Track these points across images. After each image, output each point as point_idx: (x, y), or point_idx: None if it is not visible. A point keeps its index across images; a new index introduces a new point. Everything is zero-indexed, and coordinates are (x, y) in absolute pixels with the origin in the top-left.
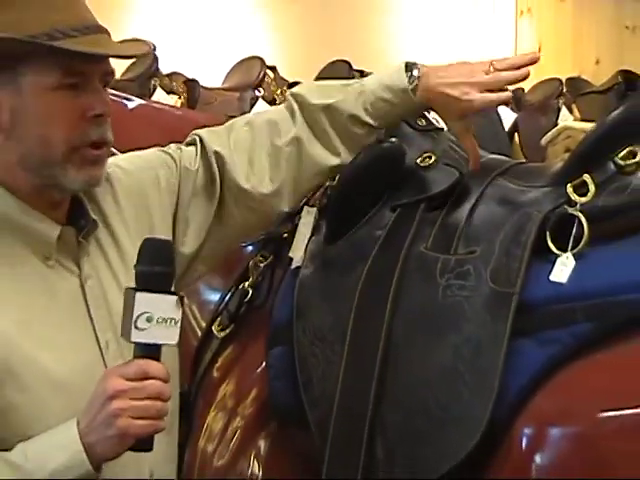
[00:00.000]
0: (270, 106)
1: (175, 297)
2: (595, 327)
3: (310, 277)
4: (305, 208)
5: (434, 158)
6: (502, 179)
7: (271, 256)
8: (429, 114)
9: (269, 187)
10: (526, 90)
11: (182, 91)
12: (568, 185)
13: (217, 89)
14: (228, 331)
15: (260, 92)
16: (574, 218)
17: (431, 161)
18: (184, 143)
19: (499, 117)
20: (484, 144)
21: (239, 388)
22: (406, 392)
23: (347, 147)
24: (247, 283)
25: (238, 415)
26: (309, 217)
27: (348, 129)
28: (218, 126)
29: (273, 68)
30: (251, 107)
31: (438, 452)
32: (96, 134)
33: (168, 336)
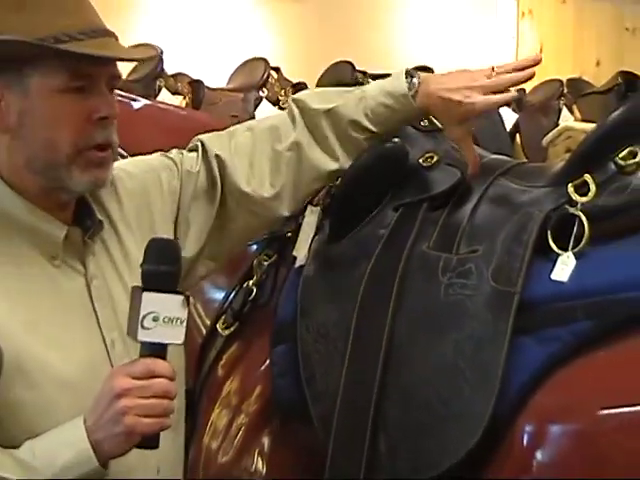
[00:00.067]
0: (274, 106)
1: (181, 297)
2: (595, 325)
3: (314, 276)
4: (309, 207)
5: (436, 158)
6: (504, 179)
7: (275, 255)
8: None
9: (270, 191)
10: (527, 91)
11: (187, 92)
12: (569, 185)
13: (221, 90)
14: (232, 329)
15: (264, 93)
16: (575, 218)
17: (433, 161)
18: (186, 149)
19: (501, 118)
20: (486, 144)
21: (243, 385)
22: (408, 388)
23: (346, 152)
24: (251, 282)
25: (242, 412)
26: (313, 216)
27: (348, 134)
28: (222, 126)
29: (277, 69)
30: (255, 107)
31: (440, 447)
32: (101, 137)
33: (174, 335)
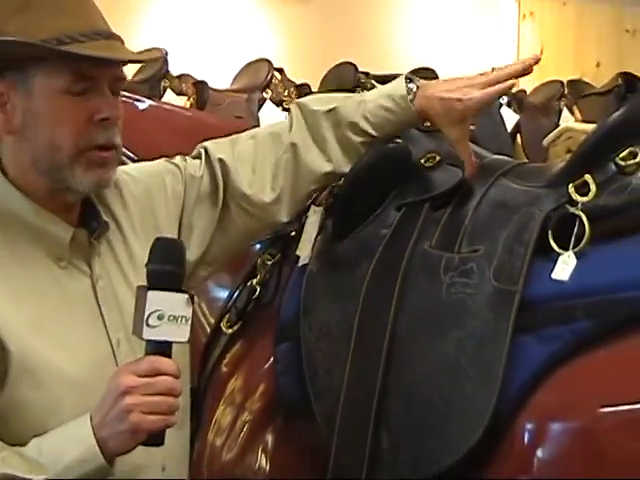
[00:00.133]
0: (277, 107)
1: (186, 295)
2: (595, 324)
3: (317, 275)
4: (312, 207)
5: (438, 158)
6: (505, 179)
7: (278, 254)
8: None
9: (271, 195)
10: (528, 92)
11: (191, 93)
12: (570, 185)
13: (226, 91)
14: (236, 328)
15: (268, 93)
16: (575, 217)
17: (435, 161)
18: (190, 156)
19: (502, 119)
20: (487, 145)
21: (247, 383)
22: (410, 385)
23: (344, 155)
24: (255, 281)
25: (246, 409)
26: (316, 216)
27: (347, 137)
28: (226, 126)
29: (280, 70)
30: (259, 108)
31: (441, 445)
32: (103, 137)
33: (179, 334)
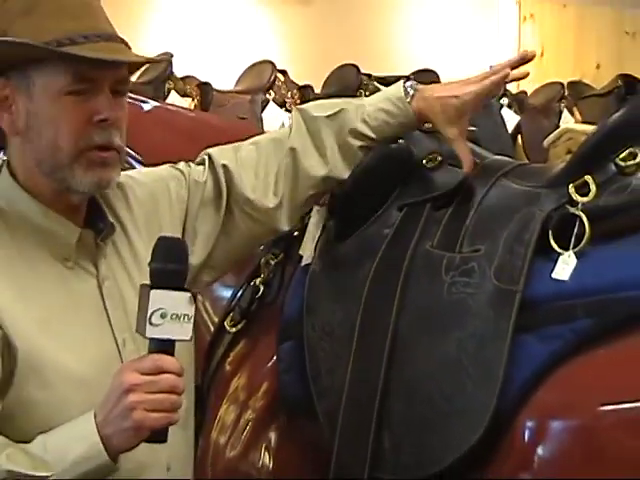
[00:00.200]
0: (280, 108)
1: (188, 294)
2: (596, 323)
3: (319, 274)
4: (315, 207)
5: (440, 159)
6: (506, 179)
7: (282, 254)
8: None
9: (274, 200)
10: (529, 93)
11: (195, 94)
12: (570, 185)
13: (229, 92)
14: (240, 327)
15: (271, 95)
16: (576, 217)
17: (437, 162)
18: (194, 163)
19: (503, 120)
20: (488, 146)
21: (250, 381)
22: (412, 384)
23: (343, 159)
24: (258, 280)
25: (249, 407)
26: (318, 216)
27: (347, 141)
28: (230, 127)
29: (283, 72)
30: (262, 109)
31: (443, 443)
32: (101, 138)
33: (182, 332)
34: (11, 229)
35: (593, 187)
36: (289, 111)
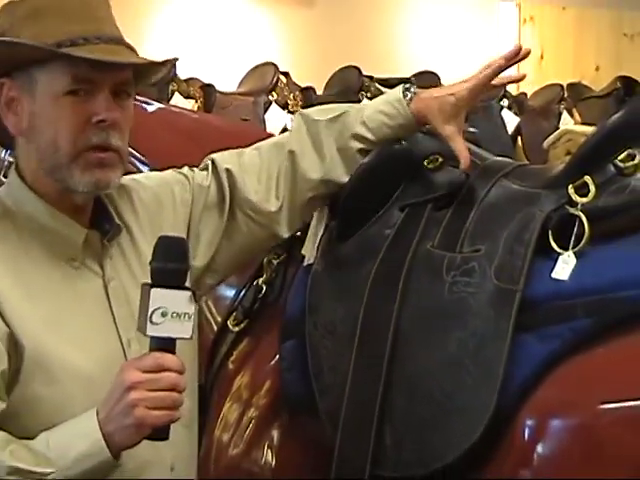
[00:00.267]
0: (283, 110)
1: (189, 292)
2: (595, 322)
3: (322, 274)
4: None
5: (441, 160)
6: (506, 180)
7: (284, 254)
8: None
9: (276, 204)
10: (529, 95)
11: (199, 96)
12: (569, 186)
13: (232, 94)
14: (243, 326)
15: (273, 96)
16: (575, 218)
17: (438, 163)
18: (198, 168)
19: (503, 121)
20: (488, 147)
21: (253, 380)
22: (413, 382)
23: (342, 162)
24: (261, 280)
25: (252, 405)
26: (321, 216)
27: (346, 144)
28: (233, 128)
29: (286, 74)
30: (265, 111)
31: (444, 440)
32: (99, 138)
33: (182, 330)
34: (18, 229)
35: (592, 188)
36: (291, 112)
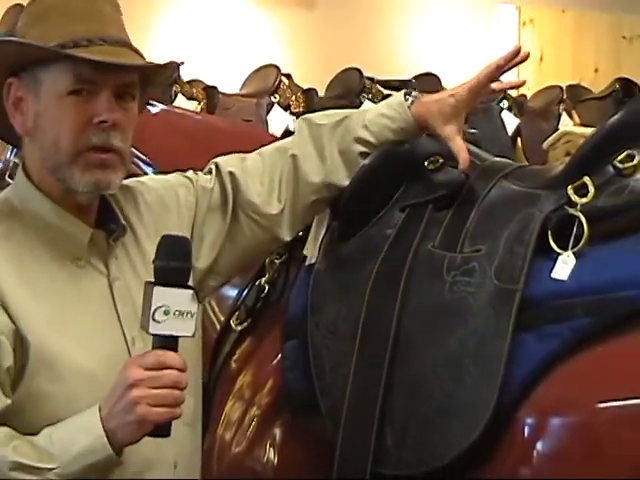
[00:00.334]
0: (285, 111)
1: (191, 291)
2: (594, 322)
3: (323, 274)
4: None
5: (441, 161)
6: (506, 181)
7: (286, 254)
8: None
9: (277, 207)
10: (528, 97)
11: (202, 97)
12: (569, 187)
13: (235, 95)
14: (245, 325)
15: (276, 98)
16: (574, 218)
17: (439, 163)
18: (202, 172)
19: (503, 123)
20: (489, 148)
21: (256, 379)
22: (414, 382)
23: (344, 165)
24: (263, 279)
25: (255, 404)
26: (322, 217)
27: (348, 147)
28: (236, 129)
29: (288, 75)
30: (267, 112)
31: (445, 439)
32: (99, 139)
33: (185, 328)
34: (25, 228)
35: (591, 188)
36: (293, 114)
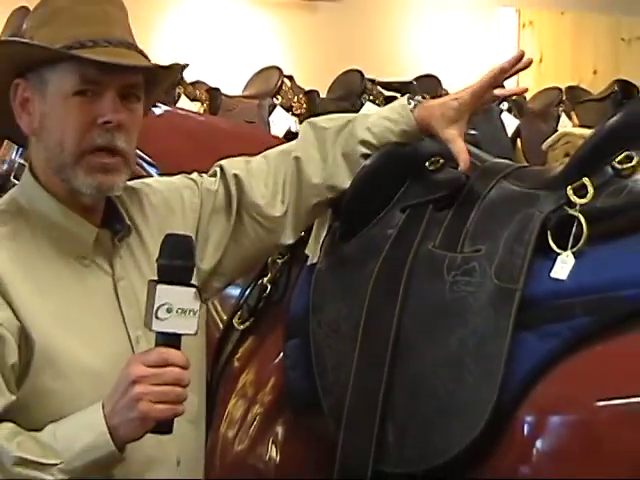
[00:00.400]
0: (287, 112)
1: (194, 289)
2: (593, 321)
3: (325, 273)
4: None
5: (442, 161)
6: (506, 182)
7: (288, 254)
8: None
9: (281, 209)
10: (528, 98)
11: (205, 99)
12: (568, 187)
13: (238, 97)
14: (248, 324)
15: (278, 99)
16: (574, 218)
17: (439, 164)
18: (207, 174)
19: (502, 124)
20: (489, 149)
21: (258, 377)
22: (415, 380)
23: (347, 167)
24: (266, 279)
25: (257, 402)
26: (324, 217)
27: (351, 149)
28: (238, 130)
29: (290, 77)
30: (269, 113)
31: (445, 436)
32: (103, 140)
33: (187, 326)
34: (31, 227)
35: (590, 189)
36: (295, 115)
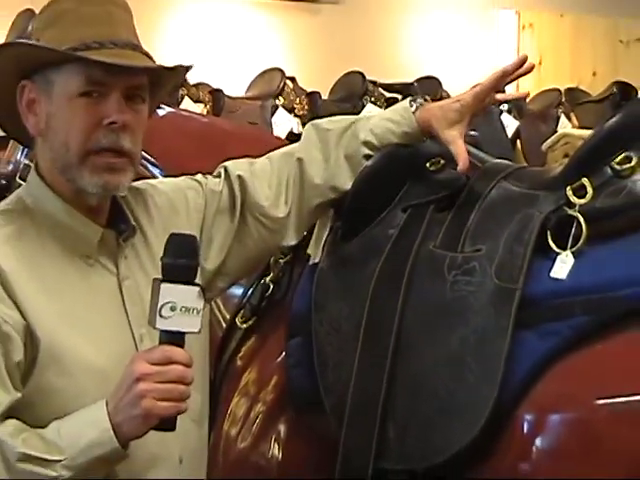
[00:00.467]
0: (289, 114)
1: (197, 288)
2: (592, 320)
3: (327, 272)
4: None
5: (443, 162)
6: (506, 182)
7: (290, 253)
8: None
9: (284, 210)
10: (528, 100)
11: (208, 100)
12: (567, 188)
13: (240, 98)
14: (250, 323)
15: (280, 101)
16: (573, 218)
17: (440, 165)
18: (211, 175)
19: (502, 125)
20: (489, 150)
21: (261, 376)
22: (416, 379)
23: (349, 169)
24: (268, 278)
25: (260, 401)
26: (326, 217)
27: (353, 151)
28: (241, 131)
29: (292, 79)
30: (272, 115)
31: (446, 434)
32: (109, 140)
33: (190, 324)
34: (37, 226)
35: (590, 189)
36: (297, 116)
